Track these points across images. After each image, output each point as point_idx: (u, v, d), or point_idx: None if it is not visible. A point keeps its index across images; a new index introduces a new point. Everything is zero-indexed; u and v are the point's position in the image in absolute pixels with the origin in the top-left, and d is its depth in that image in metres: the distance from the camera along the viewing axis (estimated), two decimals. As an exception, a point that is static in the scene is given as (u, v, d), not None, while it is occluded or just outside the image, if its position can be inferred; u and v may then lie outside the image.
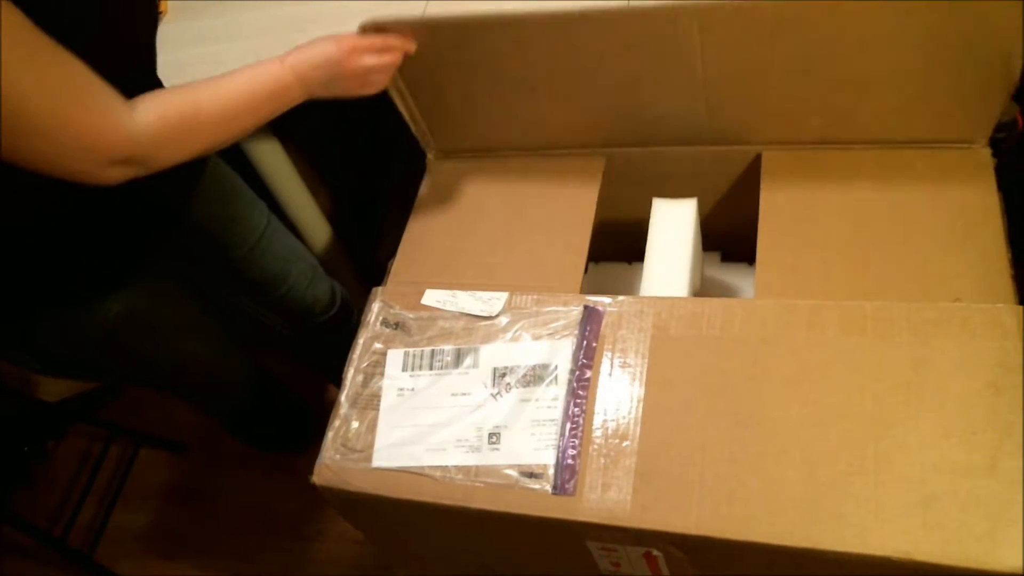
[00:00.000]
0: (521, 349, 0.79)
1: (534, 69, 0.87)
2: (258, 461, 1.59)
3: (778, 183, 0.84)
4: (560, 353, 0.77)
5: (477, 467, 0.73)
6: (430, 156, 1.01)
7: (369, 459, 0.77)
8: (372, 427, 0.79)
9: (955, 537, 0.59)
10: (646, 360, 0.74)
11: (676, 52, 0.82)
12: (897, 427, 0.64)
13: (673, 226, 0.88)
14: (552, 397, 0.75)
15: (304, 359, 1.49)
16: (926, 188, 0.79)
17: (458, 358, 0.80)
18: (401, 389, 0.80)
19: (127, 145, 0.68)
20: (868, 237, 0.77)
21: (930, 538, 0.59)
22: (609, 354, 0.76)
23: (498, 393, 0.77)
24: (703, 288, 1.00)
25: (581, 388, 0.74)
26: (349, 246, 1.44)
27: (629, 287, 1.05)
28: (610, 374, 0.74)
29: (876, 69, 0.79)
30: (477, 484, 0.72)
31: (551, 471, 0.71)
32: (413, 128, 0.98)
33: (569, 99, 0.90)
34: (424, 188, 0.98)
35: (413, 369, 0.81)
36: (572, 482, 0.70)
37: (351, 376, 0.83)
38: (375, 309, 0.86)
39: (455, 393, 0.78)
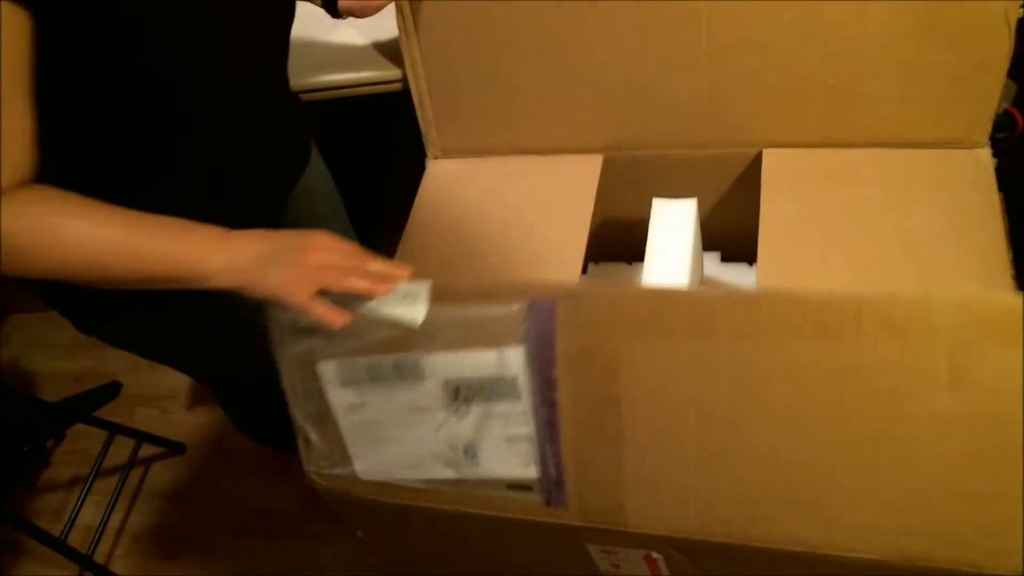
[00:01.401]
0: (468, 360, 0.67)
1: (544, 47, 0.87)
2: (258, 462, 1.59)
3: (779, 183, 0.84)
4: (514, 362, 0.66)
5: (463, 480, 0.70)
6: (430, 156, 1.01)
7: (353, 472, 0.74)
8: (339, 441, 0.73)
9: (957, 540, 0.59)
10: (621, 359, 0.66)
11: (682, 46, 0.82)
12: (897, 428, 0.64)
13: (673, 226, 0.88)
14: (520, 412, 0.67)
15: None
16: (927, 188, 0.79)
17: (399, 371, 0.69)
18: (351, 405, 0.72)
19: None
20: (869, 237, 0.77)
21: (932, 540, 0.59)
22: (573, 352, 0.66)
23: (458, 409, 0.69)
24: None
25: (550, 395, 0.66)
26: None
27: (629, 287, 1.05)
28: (581, 375, 0.66)
29: (874, 69, 0.79)
30: (468, 494, 0.71)
31: (538, 485, 0.68)
32: (420, 116, 0.98)
33: (574, 87, 0.90)
34: (423, 189, 0.98)
35: (355, 384, 0.71)
36: (562, 494, 0.67)
37: (290, 391, 0.74)
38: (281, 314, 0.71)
39: (413, 409, 0.70)
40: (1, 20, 0.57)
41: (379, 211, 1.56)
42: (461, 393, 0.68)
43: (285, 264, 0.65)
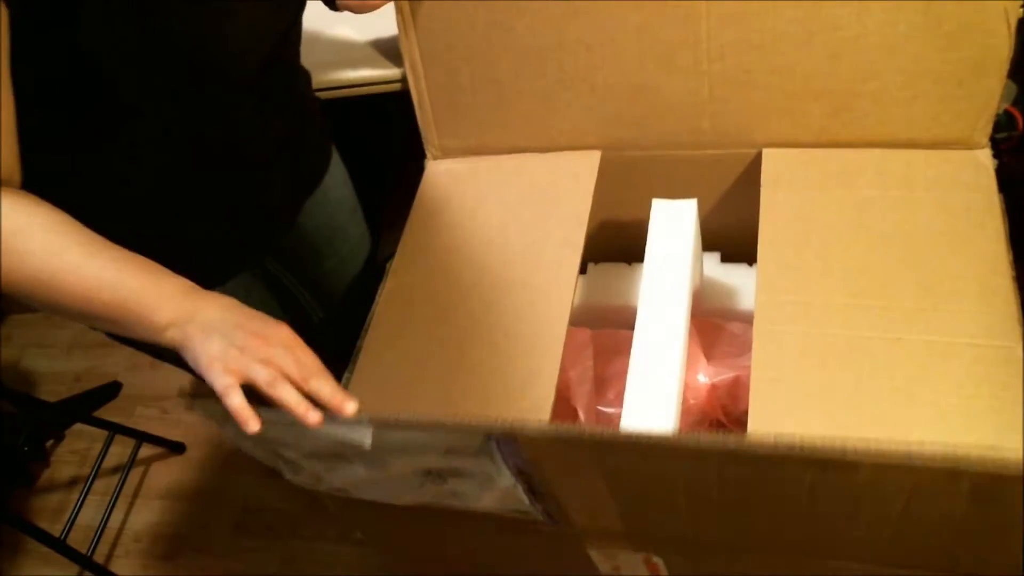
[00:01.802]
0: (432, 459, 0.64)
1: (544, 47, 0.87)
2: (258, 462, 1.59)
3: (778, 183, 0.84)
4: (485, 465, 0.62)
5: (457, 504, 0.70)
6: (429, 156, 1.01)
7: (348, 494, 0.73)
8: (327, 479, 0.72)
9: (961, 549, 0.59)
10: (603, 468, 0.62)
11: (682, 46, 0.82)
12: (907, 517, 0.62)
13: (673, 226, 0.88)
14: (498, 481, 0.65)
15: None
16: (927, 189, 0.79)
17: (362, 459, 0.65)
18: (325, 468, 0.70)
19: None
20: (869, 237, 0.77)
21: (937, 553, 0.59)
22: (545, 462, 0.62)
23: (434, 480, 0.66)
24: (703, 289, 1.00)
25: (526, 477, 0.64)
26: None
27: (629, 288, 1.05)
28: (558, 473, 0.63)
29: (874, 69, 0.79)
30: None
31: (533, 513, 0.68)
32: (419, 116, 0.98)
33: (573, 87, 0.90)
34: (423, 189, 0.98)
35: (321, 459, 0.68)
36: (560, 519, 0.67)
37: (257, 456, 0.71)
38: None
39: (388, 479, 0.68)
40: None
41: (379, 211, 1.56)
42: (431, 473, 0.65)
43: (227, 341, 0.59)
